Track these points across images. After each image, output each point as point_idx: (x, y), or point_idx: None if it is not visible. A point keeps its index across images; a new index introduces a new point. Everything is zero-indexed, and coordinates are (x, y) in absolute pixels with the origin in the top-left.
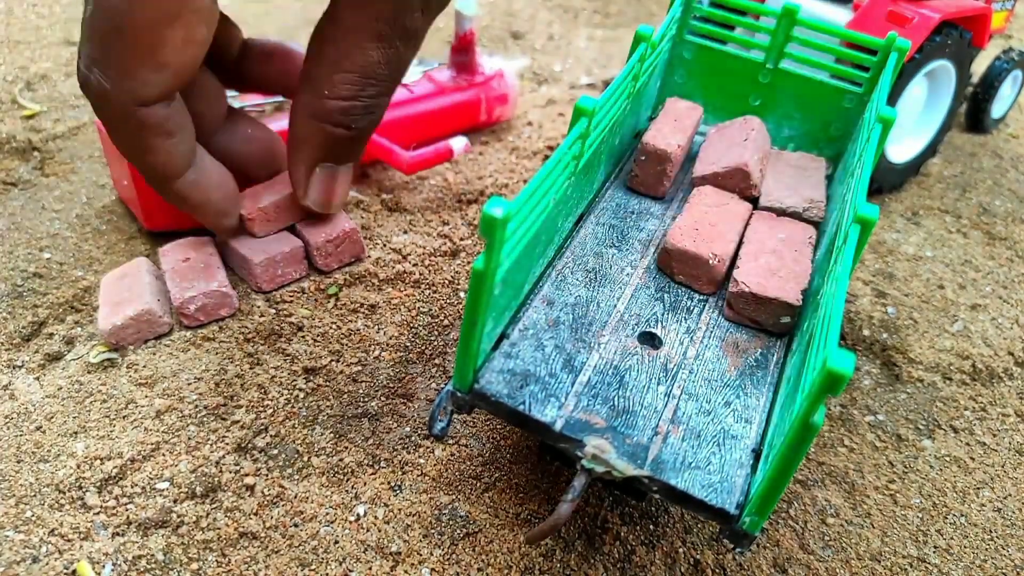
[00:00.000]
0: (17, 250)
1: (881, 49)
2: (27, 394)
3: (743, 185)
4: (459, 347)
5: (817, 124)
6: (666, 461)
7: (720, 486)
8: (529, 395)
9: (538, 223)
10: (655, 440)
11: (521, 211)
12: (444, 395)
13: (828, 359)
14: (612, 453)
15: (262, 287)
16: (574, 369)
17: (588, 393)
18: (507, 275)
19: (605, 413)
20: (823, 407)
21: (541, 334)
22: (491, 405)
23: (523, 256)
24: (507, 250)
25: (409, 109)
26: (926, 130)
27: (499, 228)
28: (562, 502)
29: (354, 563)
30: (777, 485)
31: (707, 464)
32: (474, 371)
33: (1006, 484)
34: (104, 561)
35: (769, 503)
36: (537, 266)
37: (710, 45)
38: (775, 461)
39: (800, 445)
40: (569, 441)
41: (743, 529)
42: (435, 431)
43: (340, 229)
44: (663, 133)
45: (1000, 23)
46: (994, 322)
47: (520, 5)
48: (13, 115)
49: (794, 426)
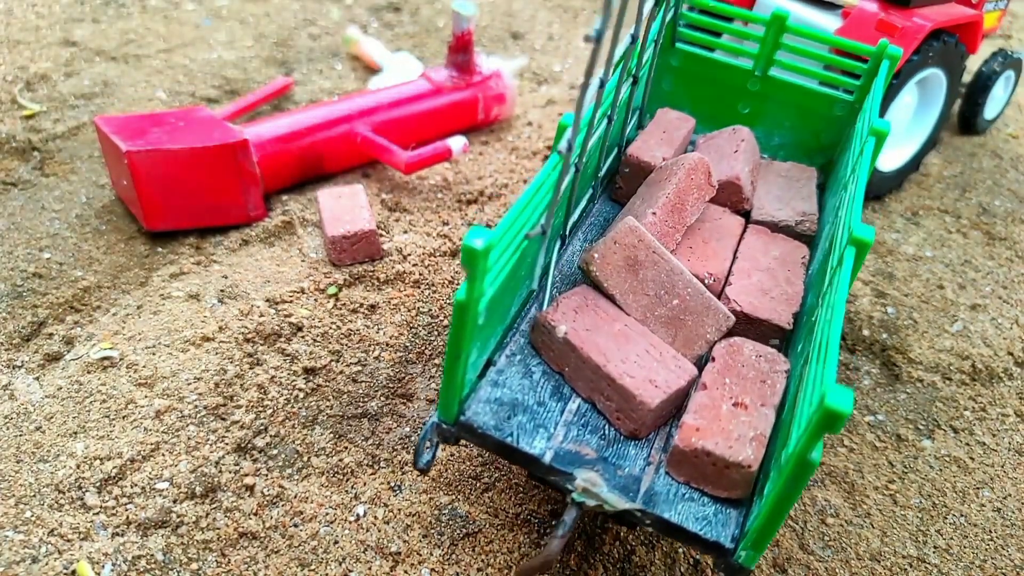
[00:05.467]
0: (17, 250)
1: (872, 57)
2: (27, 394)
3: (735, 199)
4: (443, 378)
5: (807, 133)
6: (659, 493)
7: (715, 519)
8: (517, 426)
9: (522, 248)
10: (647, 471)
11: (504, 239)
12: (429, 427)
13: (826, 397)
14: (603, 487)
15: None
16: (563, 397)
17: (578, 422)
18: (491, 303)
19: (595, 443)
20: (821, 444)
21: (529, 360)
22: (477, 438)
23: (508, 280)
24: (490, 279)
25: (407, 109)
26: (916, 137)
27: (480, 259)
28: (552, 537)
29: (354, 563)
30: (774, 520)
31: (701, 496)
32: (459, 402)
33: (1006, 484)
34: (104, 561)
35: (766, 537)
36: (523, 289)
37: (698, 53)
38: (771, 497)
39: (797, 482)
40: (559, 474)
41: (739, 563)
42: (420, 465)
43: (359, 228)
44: (649, 145)
45: (993, 23)
46: (994, 322)
47: (520, 5)
48: (13, 115)
49: (791, 463)
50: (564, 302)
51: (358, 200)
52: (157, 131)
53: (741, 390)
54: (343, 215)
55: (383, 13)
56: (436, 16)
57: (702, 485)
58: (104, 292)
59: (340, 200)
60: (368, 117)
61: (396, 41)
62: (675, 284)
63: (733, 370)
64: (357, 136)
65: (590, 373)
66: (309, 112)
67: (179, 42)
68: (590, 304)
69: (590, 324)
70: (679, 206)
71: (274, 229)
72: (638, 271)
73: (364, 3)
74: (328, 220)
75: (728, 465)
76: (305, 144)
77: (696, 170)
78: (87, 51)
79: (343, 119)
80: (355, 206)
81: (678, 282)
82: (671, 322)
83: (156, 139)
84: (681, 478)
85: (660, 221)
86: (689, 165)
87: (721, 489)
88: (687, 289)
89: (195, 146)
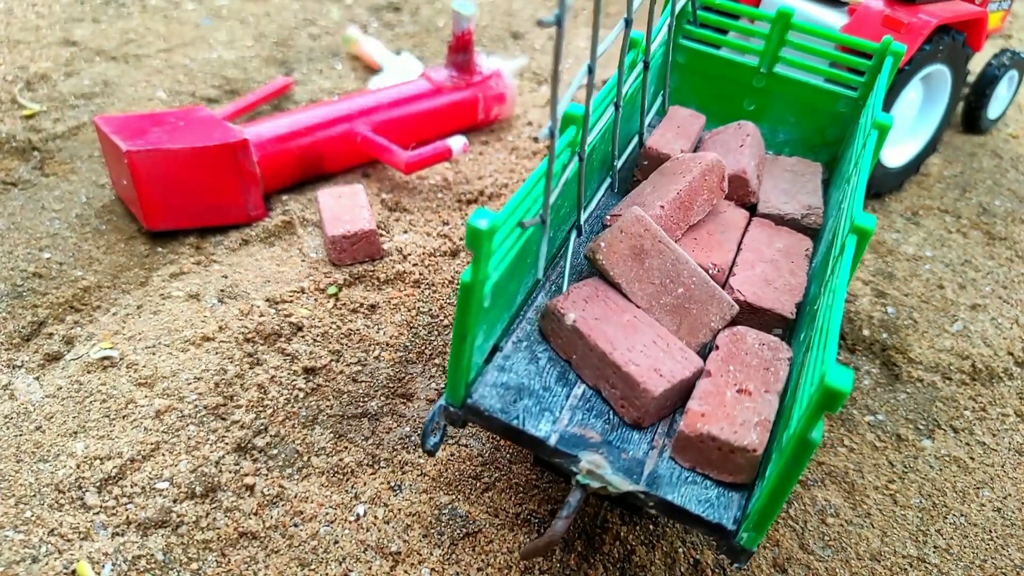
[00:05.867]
0: (17, 250)
1: (876, 53)
2: (27, 394)
3: (741, 192)
4: (450, 361)
5: (812, 129)
6: (662, 476)
7: (717, 501)
8: (523, 409)
9: (527, 233)
10: (651, 455)
11: (508, 222)
12: (437, 410)
13: (826, 375)
14: (607, 468)
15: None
16: (569, 382)
17: (583, 407)
18: (497, 286)
19: (600, 427)
20: (821, 423)
21: (535, 346)
22: (484, 420)
23: (514, 266)
24: (495, 261)
25: (407, 109)
26: (922, 134)
27: (485, 240)
28: (557, 519)
29: (354, 563)
30: (775, 501)
31: (704, 479)
32: (466, 385)
33: (1006, 484)
34: (104, 561)
35: (767, 519)
36: (529, 276)
37: (704, 50)
38: (772, 477)
39: (798, 462)
40: (564, 456)
41: (741, 545)
42: (428, 447)
43: (359, 228)
44: (667, 139)
45: (997, 23)
46: (994, 322)
47: (520, 5)
48: (13, 115)
49: (791, 443)
50: (575, 292)
51: (358, 200)
52: (157, 131)
53: (745, 377)
54: (343, 215)
55: (383, 13)
56: (436, 16)
57: (707, 470)
58: (104, 292)
59: (340, 200)
60: (368, 117)
61: (396, 41)
62: (680, 273)
63: (737, 358)
64: (357, 136)
65: (596, 360)
66: (309, 112)
67: (179, 42)
68: (600, 295)
69: (599, 313)
70: (687, 204)
71: (274, 229)
72: (644, 260)
73: (364, 3)
74: (328, 220)
75: (733, 450)
76: (305, 144)
77: (712, 171)
78: (87, 51)
79: (343, 119)
80: (355, 206)
81: (683, 271)
82: (676, 310)
83: (156, 139)
84: (687, 464)
85: (666, 215)
86: (706, 165)
87: (726, 474)
88: (692, 278)
89: (195, 146)
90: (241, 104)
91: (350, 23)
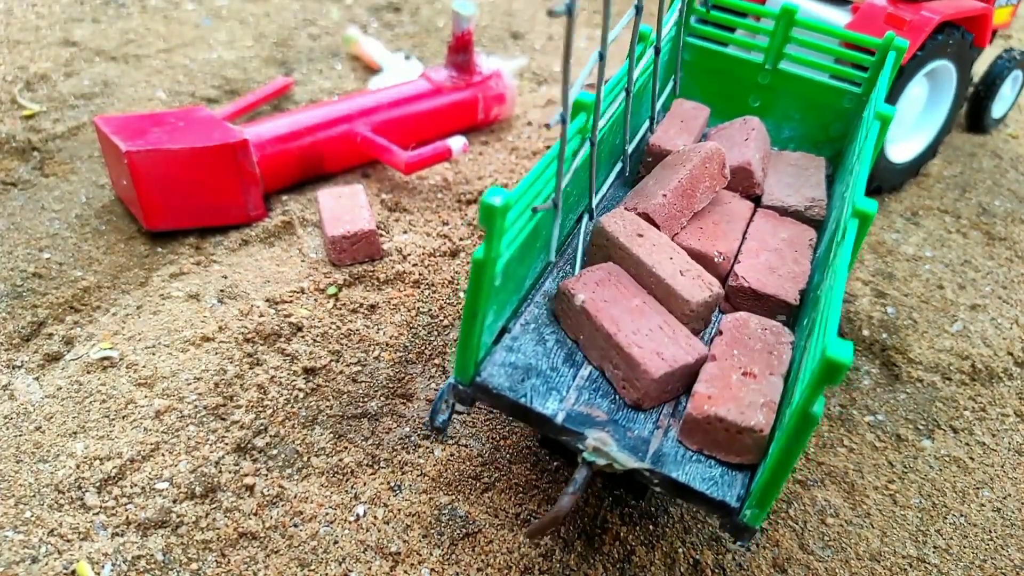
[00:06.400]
0: (17, 250)
1: (879, 49)
2: (27, 394)
3: (746, 184)
4: (460, 339)
5: (816, 125)
6: (667, 454)
7: (721, 479)
8: (530, 388)
9: (537, 216)
10: (656, 434)
11: (521, 201)
12: (446, 388)
13: (827, 348)
14: (613, 446)
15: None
16: (575, 363)
17: (589, 387)
18: (507, 267)
19: (606, 407)
20: (822, 398)
21: (543, 328)
22: (492, 398)
23: (524, 249)
24: (507, 240)
25: (407, 109)
26: (927, 130)
27: (499, 217)
28: (563, 494)
29: (354, 563)
30: (777, 477)
31: (709, 459)
32: (475, 364)
33: (1006, 484)
34: (104, 561)
35: (770, 495)
36: (538, 261)
37: (710, 47)
38: (775, 453)
39: (799, 436)
40: (570, 434)
41: (744, 522)
42: (437, 423)
43: (359, 228)
44: (669, 135)
45: (1005, 19)
46: (994, 322)
47: (520, 5)
48: (13, 115)
49: (793, 417)
50: (587, 275)
51: (358, 200)
52: (157, 131)
53: (749, 360)
54: (343, 215)
55: (383, 13)
56: (436, 16)
57: (715, 452)
58: (104, 292)
59: (340, 200)
60: (368, 117)
61: (396, 41)
62: (643, 277)
63: (740, 342)
64: (357, 136)
65: (602, 341)
66: (309, 112)
67: (179, 42)
68: (612, 279)
69: (609, 296)
70: (690, 191)
71: (274, 229)
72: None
73: (364, 3)
74: (328, 220)
75: (741, 430)
76: (305, 144)
77: (712, 159)
78: (87, 51)
79: (343, 119)
80: (355, 206)
81: (644, 274)
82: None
83: (156, 139)
84: (694, 446)
85: (669, 204)
86: (705, 153)
87: (734, 455)
88: (650, 279)
89: (195, 146)
90: (241, 104)
91: (350, 23)
